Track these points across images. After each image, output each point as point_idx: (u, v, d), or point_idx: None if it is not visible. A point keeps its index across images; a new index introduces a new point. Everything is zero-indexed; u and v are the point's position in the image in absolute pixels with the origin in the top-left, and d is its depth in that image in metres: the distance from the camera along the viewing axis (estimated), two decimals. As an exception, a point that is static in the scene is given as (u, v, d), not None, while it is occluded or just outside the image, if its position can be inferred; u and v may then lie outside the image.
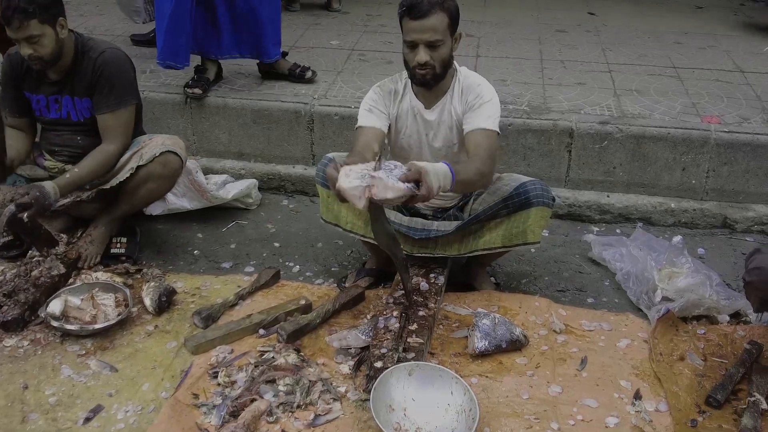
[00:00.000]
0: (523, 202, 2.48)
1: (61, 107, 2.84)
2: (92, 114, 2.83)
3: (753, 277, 2.16)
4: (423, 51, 2.34)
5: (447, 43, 2.37)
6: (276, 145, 3.57)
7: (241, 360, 2.34)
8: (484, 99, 2.46)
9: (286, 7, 5.05)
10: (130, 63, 2.87)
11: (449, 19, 2.35)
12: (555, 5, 5.31)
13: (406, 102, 2.55)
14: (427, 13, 2.29)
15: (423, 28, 2.31)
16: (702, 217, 3.30)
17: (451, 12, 2.35)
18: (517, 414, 2.16)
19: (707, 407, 2.21)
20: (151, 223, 3.21)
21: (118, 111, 2.79)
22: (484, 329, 2.39)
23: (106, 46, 2.81)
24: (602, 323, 2.60)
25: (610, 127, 3.28)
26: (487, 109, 2.44)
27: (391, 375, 2.14)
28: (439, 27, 2.32)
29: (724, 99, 3.59)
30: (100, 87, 2.76)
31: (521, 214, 2.50)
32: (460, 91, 2.50)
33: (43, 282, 2.63)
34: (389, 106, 2.55)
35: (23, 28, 2.56)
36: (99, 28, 4.52)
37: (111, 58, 2.78)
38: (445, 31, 2.35)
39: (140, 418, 2.13)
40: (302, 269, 2.96)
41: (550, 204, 2.51)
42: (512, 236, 2.54)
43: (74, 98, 2.81)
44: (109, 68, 2.76)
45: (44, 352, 2.40)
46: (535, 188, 2.48)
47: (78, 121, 2.86)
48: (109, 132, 2.81)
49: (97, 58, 2.75)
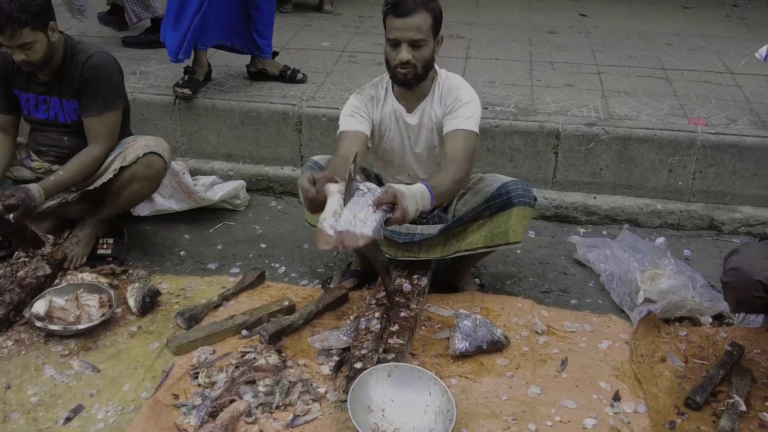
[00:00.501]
0: (504, 203, 2.49)
1: (49, 108, 2.86)
2: (79, 116, 2.84)
3: (729, 277, 2.17)
4: (405, 49, 2.36)
5: (429, 43, 2.39)
6: (264, 147, 3.58)
7: (223, 361, 2.35)
8: (462, 101, 2.47)
9: (279, 9, 5.07)
10: (117, 67, 2.88)
11: (433, 20, 2.36)
12: (547, 7, 5.32)
13: (389, 106, 2.56)
14: (411, 12, 2.31)
15: (407, 26, 2.33)
16: (689, 219, 3.31)
17: (435, 13, 2.37)
18: (495, 415, 2.17)
19: (686, 409, 2.21)
20: (139, 224, 3.23)
21: (104, 114, 2.81)
22: (465, 330, 2.40)
23: (94, 50, 2.82)
24: (584, 324, 2.61)
25: (597, 129, 3.29)
26: (465, 110, 2.46)
27: (370, 376, 2.15)
28: (422, 26, 2.34)
29: (712, 100, 3.60)
30: (88, 90, 2.78)
31: (503, 214, 2.51)
32: (440, 95, 2.52)
33: (29, 282, 2.64)
34: (371, 111, 2.56)
35: (16, 36, 2.57)
36: (90, 30, 4.54)
37: (99, 62, 2.79)
38: (428, 31, 2.36)
39: (120, 418, 2.14)
40: (288, 270, 2.97)
41: (531, 204, 2.52)
42: (494, 236, 2.55)
43: (62, 100, 2.83)
44: (97, 72, 2.77)
45: (28, 352, 2.42)
46: (517, 188, 2.49)
47: (65, 123, 2.87)
48: (94, 135, 2.82)
49: (86, 61, 2.77)
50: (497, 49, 4.34)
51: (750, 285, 2.12)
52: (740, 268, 2.13)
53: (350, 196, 2.05)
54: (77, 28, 4.48)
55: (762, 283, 2.09)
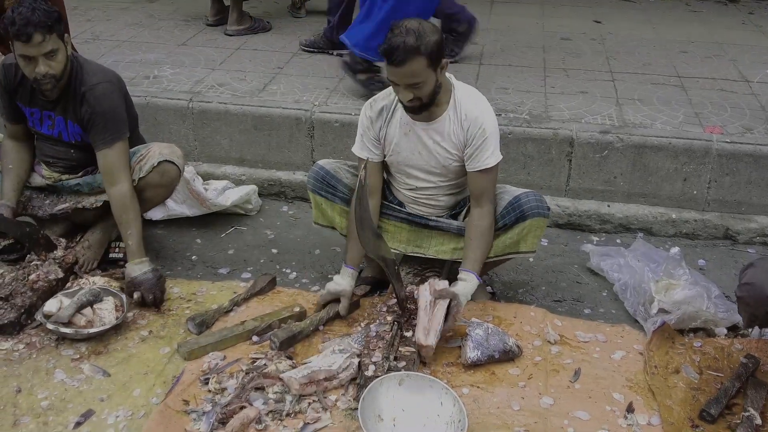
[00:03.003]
0: (518, 216, 2.49)
1: (54, 125, 2.79)
2: (83, 139, 2.79)
3: (743, 292, 2.14)
4: (406, 91, 2.34)
5: (430, 80, 2.33)
6: (276, 152, 3.58)
7: (233, 367, 2.35)
8: (486, 132, 2.44)
9: (293, 14, 5.09)
10: (120, 93, 2.78)
11: (428, 59, 2.28)
12: (561, 13, 5.30)
13: (397, 117, 2.53)
14: (403, 62, 2.26)
15: (402, 74, 2.29)
16: (703, 228, 3.28)
17: (429, 52, 2.28)
18: (507, 425, 2.15)
19: (700, 422, 2.18)
20: (151, 228, 3.23)
21: (115, 144, 2.71)
22: (477, 339, 2.38)
23: (98, 80, 2.71)
24: (597, 334, 2.59)
25: (611, 137, 3.27)
26: (490, 143, 2.45)
27: (381, 384, 2.14)
28: (417, 71, 2.28)
29: (727, 109, 3.57)
30: (94, 124, 2.70)
31: (516, 227, 2.51)
32: (461, 116, 2.47)
33: (41, 286, 2.65)
34: (379, 128, 2.55)
35: (44, 43, 2.50)
36: (104, 34, 4.56)
37: (102, 94, 2.69)
38: (425, 71, 2.30)
39: (130, 423, 2.14)
40: (299, 276, 2.96)
41: (545, 214, 2.50)
42: (505, 246, 2.54)
43: (67, 121, 2.76)
44: (101, 106, 2.68)
45: (39, 355, 2.42)
46: (529, 200, 2.48)
47: (69, 142, 2.83)
48: (114, 171, 2.72)
49: (87, 92, 2.67)
50: (510, 55, 4.32)
51: (764, 301, 2.09)
52: (754, 284, 2.11)
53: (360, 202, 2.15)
54: (92, 32, 4.50)
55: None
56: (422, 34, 2.26)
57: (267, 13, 5.12)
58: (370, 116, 2.55)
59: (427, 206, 2.66)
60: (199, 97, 3.60)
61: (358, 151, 2.61)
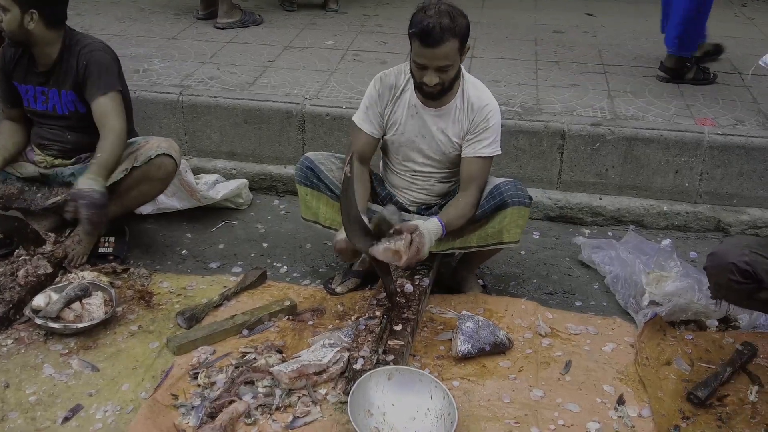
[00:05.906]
0: (498, 204, 2.48)
1: (47, 99, 2.86)
2: (76, 108, 2.83)
3: (708, 262, 2.23)
4: (433, 74, 2.32)
5: (456, 64, 2.35)
6: (267, 145, 3.56)
7: (223, 361, 2.33)
8: (489, 123, 2.46)
9: (284, 7, 5.06)
10: (114, 55, 2.88)
11: (460, 42, 2.30)
12: (553, 6, 5.28)
13: (405, 98, 2.52)
14: (439, 42, 2.25)
15: (434, 56, 2.28)
16: (695, 221, 3.28)
17: (462, 34, 2.30)
18: (497, 418, 2.15)
19: (689, 409, 2.18)
20: (141, 223, 3.21)
21: (110, 93, 2.76)
22: (468, 332, 2.37)
23: (93, 40, 2.84)
24: (588, 327, 2.58)
25: (603, 129, 3.26)
26: (490, 134, 2.46)
27: (370, 379, 2.13)
28: (450, 53, 2.29)
29: (719, 101, 3.56)
30: (89, 74, 2.75)
31: (498, 215, 2.50)
32: (468, 105, 2.47)
33: (30, 281, 2.63)
34: (385, 105, 2.53)
35: None
36: (95, 27, 4.52)
37: (97, 50, 2.80)
38: (455, 55, 2.32)
39: (118, 418, 2.12)
40: (290, 270, 2.95)
41: (526, 203, 2.50)
42: (487, 236, 2.53)
43: (60, 91, 2.82)
44: (96, 57, 2.78)
45: (27, 350, 2.40)
46: (509, 189, 2.47)
47: (63, 115, 2.86)
48: (107, 115, 2.74)
49: (83, 49, 2.78)
50: (502, 48, 4.30)
51: (725, 268, 2.16)
52: (717, 253, 2.20)
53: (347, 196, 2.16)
54: (81, 25, 4.47)
55: (736, 266, 2.13)
56: (455, 15, 2.27)
57: (258, 6, 5.09)
58: (379, 90, 2.53)
59: (420, 191, 2.65)
60: (189, 90, 3.58)
61: (360, 122, 2.57)
